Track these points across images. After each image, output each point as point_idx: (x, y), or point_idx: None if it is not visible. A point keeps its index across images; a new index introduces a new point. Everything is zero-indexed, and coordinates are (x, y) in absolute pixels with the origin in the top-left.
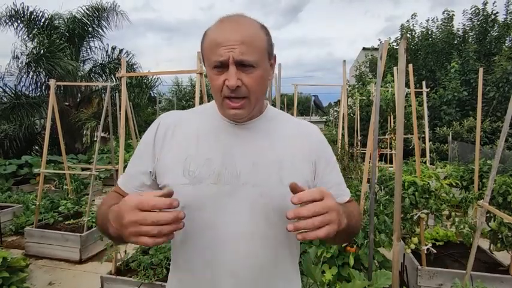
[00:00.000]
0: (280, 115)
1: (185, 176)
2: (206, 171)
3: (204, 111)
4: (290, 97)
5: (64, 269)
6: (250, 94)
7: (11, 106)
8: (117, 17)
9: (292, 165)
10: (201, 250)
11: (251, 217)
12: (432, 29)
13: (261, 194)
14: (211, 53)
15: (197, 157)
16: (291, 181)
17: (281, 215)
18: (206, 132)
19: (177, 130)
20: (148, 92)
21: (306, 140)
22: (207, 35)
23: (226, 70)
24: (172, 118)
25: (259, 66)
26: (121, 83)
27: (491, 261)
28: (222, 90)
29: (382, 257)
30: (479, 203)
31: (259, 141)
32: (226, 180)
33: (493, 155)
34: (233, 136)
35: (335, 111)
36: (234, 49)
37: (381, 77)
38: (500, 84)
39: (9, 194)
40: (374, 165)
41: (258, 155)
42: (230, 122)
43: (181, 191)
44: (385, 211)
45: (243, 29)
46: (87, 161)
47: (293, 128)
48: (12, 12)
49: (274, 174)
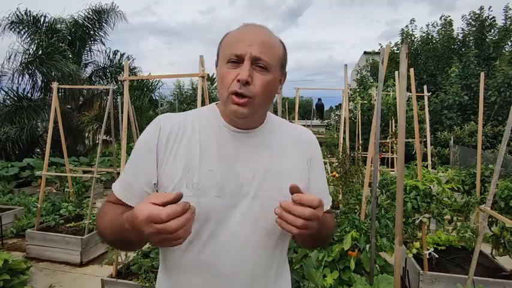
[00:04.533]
0: (278, 122)
1: (189, 188)
2: (210, 183)
3: (205, 115)
4: (291, 101)
5: (65, 272)
6: (256, 95)
7: (14, 109)
8: (117, 17)
9: (291, 176)
10: (202, 260)
11: (252, 228)
12: (432, 33)
13: (262, 206)
14: (228, 48)
15: (200, 168)
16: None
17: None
18: (208, 141)
19: (180, 137)
20: (150, 94)
21: (302, 145)
22: (227, 35)
23: (240, 65)
24: (173, 121)
25: (272, 72)
26: (123, 86)
27: (493, 266)
28: (230, 85)
29: (384, 262)
30: (482, 208)
31: (259, 151)
32: (229, 193)
33: (495, 160)
34: (235, 146)
35: (336, 115)
36: (253, 46)
37: (382, 81)
38: (501, 89)
39: (10, 196)
40: (376, 169)
41: (259, 166)
42: (232, 130)
43: None
44: (386, 215)
45: (265, 33)
46: (89, 163)
47: (289, 135)
48: (16, 18)
49: (274, 186)
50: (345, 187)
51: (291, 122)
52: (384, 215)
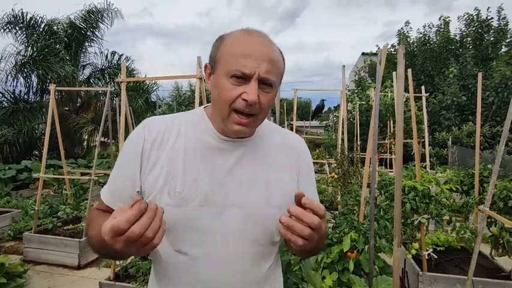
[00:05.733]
0: (267, 128)
1: (170, 196)
2: (193, 192)
3: (193, 120)
4: (289, 102)
5: (62, 275)
6: (260, 113)
7: (11, 111)
8: (113, 16)
9: (278, 184)
10: (188, 271)
11: (238, 238)
12: (429, 34)
13: (248, 216)
14: (233, 61)
15: (184, 177)
16: (279, 201)
17: (267, 236)
18: (194, 148)
19: (164, 142)
20: (145, 96)
21: (291, 152)
22: (226, 41)
23: (245, 83)
24: (159, 127)
25: (275, 88)
26: (120, 88)
27: (493, 266)
28: (233, 102)
29: (383, 263)
30: (480, 208)
31: (247, 160)
32: (213, 202)
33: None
34: (222, 155)
35: (334, 116)
36: (261, 65)
37: (380, 82)
38: (499, 89)
39: (8, 199)
40: (374, 170)
41: (246, 175)
42: (221, 138)
43: (167, 212)
44: (385, 216)
45: (270, 47)
46: (87, 165)
47: (279, 141)
48: (11, 19)
49: (261, 195)
50: (344, 188)
51: (290, 123)
52: (383, 216)
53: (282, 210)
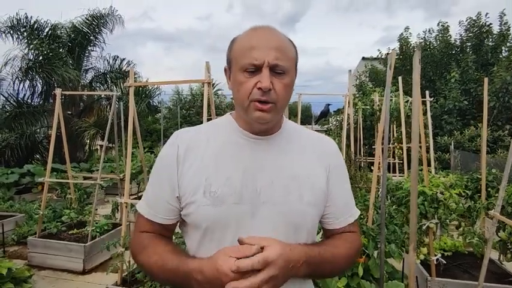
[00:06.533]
0: (296, 128)
1: (206, 197)
2: (227, 191)
3: (220, 125)
4: (290, 106)
5: (67, 280)
6: (278, 100)
7: (13, 115)
8: (116, 22)
9: (309, 181)
10: None
11: (273, 235)
12: (430, 39)
13: (281, 213)
14: (243, 56)
15: (217, 176)
16: (310, 198)
17: (299, 231)
18: (225, 148)
19: (196, 149)
20: (147, 100)
21: (322, 153)
22: (237, 41)
23: (258, 73)
24: (190, 135)
25: (289, 74)
26: (128, 93)
27: (501, 271)
28: (251, 93)
29: (392, 268)
30: (491, 213)
31: (277, 157)
32: (247, 200)
33: (495, 164)
34: (252, 152)
35: (336, 120)
36: (269, 53)
37: (389, 86)
38: (500, 94)
39: (11, 203)
40: (384, 175)
41: (277, 171)
42: (249, 136)
43: (203, 212)
44: (394, 221)
45: (277, 37)
46: (89, 169)
47: (309, 141)
48: (14, 22)
49: (293, 192)
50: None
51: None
52: (391, 221)
53: (313, 206)
